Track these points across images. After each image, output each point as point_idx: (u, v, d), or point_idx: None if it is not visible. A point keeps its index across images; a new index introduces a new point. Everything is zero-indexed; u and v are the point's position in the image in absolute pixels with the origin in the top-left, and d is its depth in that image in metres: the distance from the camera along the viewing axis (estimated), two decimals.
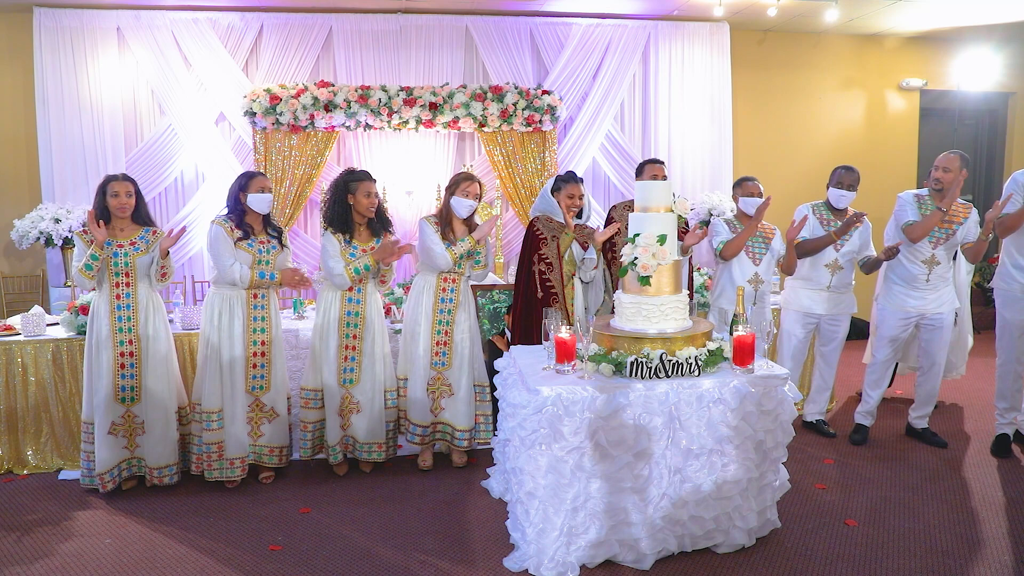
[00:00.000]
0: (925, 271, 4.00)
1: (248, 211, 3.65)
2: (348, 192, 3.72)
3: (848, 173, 4.18)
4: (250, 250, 3.62)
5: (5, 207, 6.12)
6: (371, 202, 3.72)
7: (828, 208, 4.26)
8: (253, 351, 3.68)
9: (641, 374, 2.83)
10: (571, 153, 6.63)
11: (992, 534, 3.15)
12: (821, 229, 4.20)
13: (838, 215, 4.24)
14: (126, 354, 3.59)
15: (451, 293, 3.87)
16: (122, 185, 3.55)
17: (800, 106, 7.31)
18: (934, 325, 4.09)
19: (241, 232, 3.62)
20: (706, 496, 2.85)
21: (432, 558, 2.99)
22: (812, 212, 4.26)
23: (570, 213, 3.92)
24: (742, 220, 4.26)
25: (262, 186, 3.65)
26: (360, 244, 3.75)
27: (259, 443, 3.76)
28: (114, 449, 3.62)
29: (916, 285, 4.04)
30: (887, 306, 4.17)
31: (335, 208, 3.73)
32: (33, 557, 3.04)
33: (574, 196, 3.92)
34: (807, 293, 4.27)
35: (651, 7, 6.45)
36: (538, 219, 4.00)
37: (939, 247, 3.97)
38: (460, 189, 3.82)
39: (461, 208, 3.83)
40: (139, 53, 6.08)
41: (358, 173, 3.77)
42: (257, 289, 3.67)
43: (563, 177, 4.00)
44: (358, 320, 3.77)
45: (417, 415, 3.91)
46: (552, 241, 3.91)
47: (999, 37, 7.26)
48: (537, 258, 3.91)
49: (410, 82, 6.34)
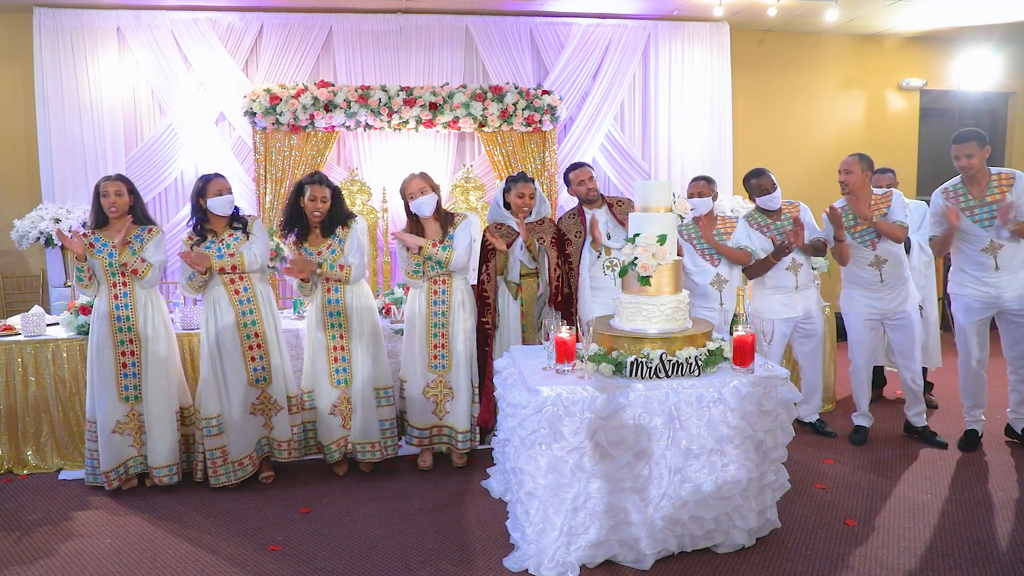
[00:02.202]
0: (876, 273, 4.05)
1: (210, 215, 3.65)
2: (300, 195, 3.70)
3: (761, 178, 4.19)
4: (208, 252, 3.61)
5: (5, 207, 6.12)
6: (315, 206, 3.66)
7: (763, 213, 4.27)
8: (248, 344, 3.68)
9: (641, 374, 2.83)
10: (571, 153, 6.62)
11: (992, 534, 3.15)
12: (764, 236, 4.20)
13: (773, 216, 4.25)
14: (127, 353, 3.59)
15: (443, 295, 3.87)
16: (112, 185, 3.55)
17: (800, 106, 7.31)
18: (899, 324, 4.13)
19: (198, 237, 3.62)
20: (706, 496, 2.85)
21: (432, 558, 2.99)
22: (749, 224, 4.26)
23: (520, 213, 3.99)
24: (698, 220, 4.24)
25: (219, 188, 3.63)
26: (314, 247, 3.73)
27: (272, 435, 3.76)
28: (120, 448, 3.63)
29: (872, 287, 4.09)
30: (849, 310, 4.23)
31: (289, 211, 3.73)
32: (33, 557, 3.04)
33: (524, 195, 3.99)
34: (777, 298, 4.27)
35: (651, 7, 6.45)
36: (488, 229, 4.10)
37: (877, 247, 4.02)
38: (409, 194, 3.85)
39: (421, 209, 3.85)
40: (139, 53, 6.08)
41: (310, 175, 3.74)
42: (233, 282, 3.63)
43: (512, 177, 4.09)
44: (340, 308, 3.76)
45: (416, 417, 3.91)
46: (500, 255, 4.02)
47: (999, 37, 7.26)
48: (484, 268, 4.03)
49: (410, 82, 6.33)
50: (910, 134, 7.60)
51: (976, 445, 4.14)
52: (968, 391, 4.16)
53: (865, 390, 4.35)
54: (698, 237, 4.23)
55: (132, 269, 3.56)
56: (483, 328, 3.98)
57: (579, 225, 4.17)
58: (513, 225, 4.04)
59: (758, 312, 4.33)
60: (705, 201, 4.18)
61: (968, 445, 4.13)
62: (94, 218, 3.60)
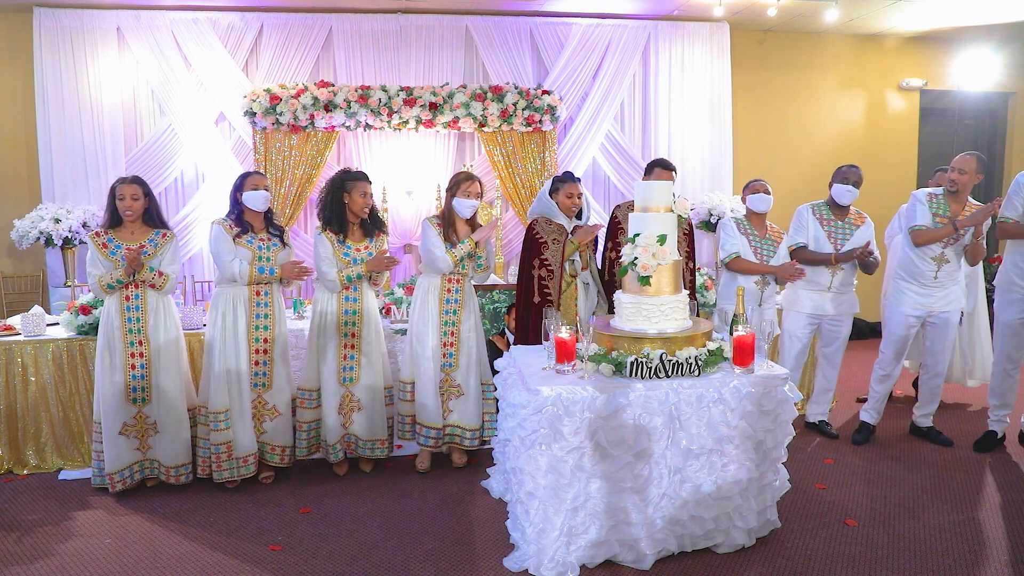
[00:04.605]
0: (934, 268, 4.01)
1: (246, 209, 3.67)
2: (344, 191, 3.73)
3: (853, 170, 4.18)
4: (249, 247, 3.64)
5: (5, 207, 6.12)
6: (366, 202, 3.74)
7: (829, 208, 4.25)
8: (256, 348, 3.68)
9: (641, 374, 2.83)
10: (571, 153, 6.63)
11: (992, 534, 3.15)
12: (821, 229, 4.20)
13: (839, 214, 4.23)
14: (136, 355, 3.59)
15: (456, 294, 3.87)
16: (128, 188, 3.56)
17: (800, 106, 7.31)
18: (939, 323, 4.10)
19: (240, 228, 3.64)
20: (706, 496, 2.84)
21: (432, 558, 2.99)
22: (812, 212, 4.26)
23: (569, 213, 3.92)
24: (750, 219, 4.25)
25: (256, 184, 3.66)
26: (353, 243, 3.76)
27: (262, 439, 3.77)
28: (125, 450, 3.62)
29: (924, 282, 4.04)
30: (895, 304, 4.17)
31: (331, 207, 3.74)
32: (33, 557, 3.03)
33: (572, 195, 3.90)
34: (808, 294, 4.25)
35: (651, 7, 6.45)
36: (536, 221, 3.99)
37: (948, 247, 3.99)
38: (461, 190, 3.81)
39: (463, 208, 3.83)
40: (139, 53, 6.09)
41: (354, 173, 3.78)
42: (258, 285, 3.67)
43: (560, 177, 3.98)
44: (356, 319, 3.78)
45: (429, 418, 3.87)
46: (554, 245, 3.88)
47: (999, 37, 7.26)
48: (539, 262, 3.88)
49: (410, 82, 6.34)
50: (910, 134, 7.60)
51: (991, 447, 4.12)
52: (996, 389, 4.12)
53: (887, 381, 4.29)
54: (753, 234, 4.19)
55: (150, 284, 3.58)
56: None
57: None
58: (564, 224, 3.94)
59: (787, 305, 4.33)
60: (768, 199, 4.16)
61: (983, 446, 4.12)
62: (108, 219, 3.59)
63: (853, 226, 4.20)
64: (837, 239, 4.18)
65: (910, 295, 4.09)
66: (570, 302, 3.91)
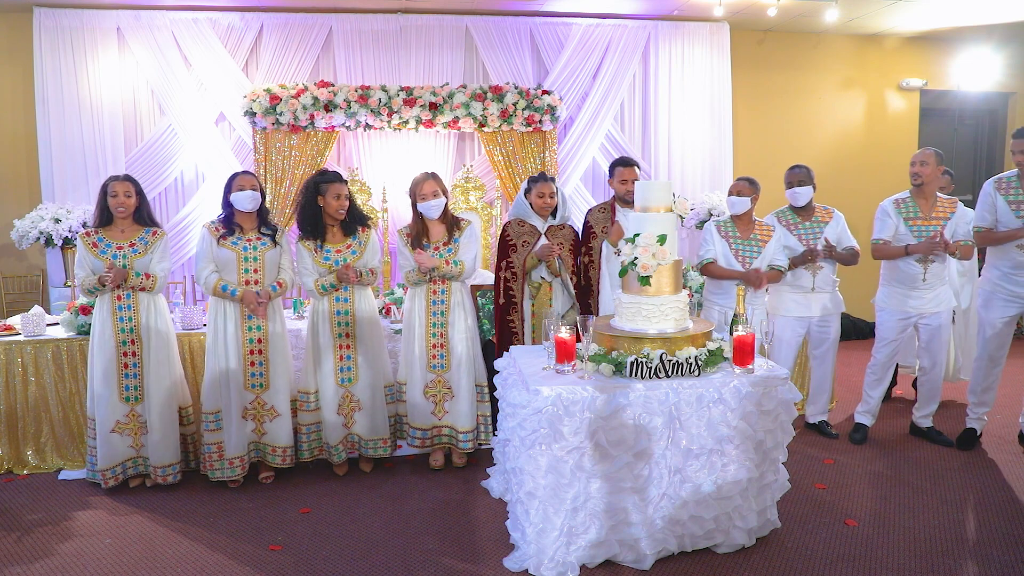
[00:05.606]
0: (921, 271, 4.04)
1: (236, 210, 3.67)
2: (318, 194, 3.72)
3: (794, 172, 4.22)
4: (234, 248, 3.63)
5: (5, 207, 6.12)
6: (341, 204, 3.71)
7: (793, 212, 4.29)
8: (250, 348, 3.69)
9: (641, 374, 2.83)
10: (571, 153, 6.63)
11: (992, 534, 3.15)
12: (790, 234, 4.22)
13: (804, 215, 4.25)
14: (128, 354, 3.60)
15: (442, 295, 3.87)
16: (121, 185, 3.57)
17: (800, 106, 7.31)
18: (932, 325, 4.12)
19: (226, 229, 3.64)
20: (706, 496, 2.85)
21: (432, 558, 2.99)
22: (778, 220, 4.28)
23: (543, 213, 3.99)
24: (733, 221, 4.22)
25: (242, 184, 3.65)
26: (333, 245, 3.76)
27: (263, 440, 3.77)
28: (118, 447, 3.64)
29: (914, 285, 4.07)
30: (885, 307, 4.20)
31: (306, 211, 3.74)
32: (33, 557, 3.04)
33: (544, 195, 3.98)
34: (793, 297, 4.26)
35: (651, 7, 6.45)
36: (510, 224, 4.08)
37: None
38: (419, 195, 3.84)
39: (429, 211, 3.84)
40: (139, 53, 6.08)
41: (328, 175, 3.76)
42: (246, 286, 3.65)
43: (533, 178, 4.07)
44: (348, 319, 3.78)
45: (417, 419, 3.91)
46: (523, 248, 3.98)
47: (999, 37, 7.26)
48: (505, 264, 4.00)
49: (410, 82, 6.33)
50: (910, 134, 7.59)
51: (972, 445, 4.14)
52: (976, 387, 4.16)
53: (880, 386, 4.32)
54: (735, 236, 4.17)
55: (141, 287, 3.59)
56: (508, 328, 3.98)
57: (607, 220, 4.13)
58: (538, 224, 4.02)
59: (772, 310, 4.32)
60: (743, 200, 4.12)
61: (964, 443, 4.15)
62: (98, 216, 3.60)
63: (821, 223, 4.22)
64: (808, 240, 4.20)
65: (901, 299, 4.13)
66: (544, 300, 4.02)
